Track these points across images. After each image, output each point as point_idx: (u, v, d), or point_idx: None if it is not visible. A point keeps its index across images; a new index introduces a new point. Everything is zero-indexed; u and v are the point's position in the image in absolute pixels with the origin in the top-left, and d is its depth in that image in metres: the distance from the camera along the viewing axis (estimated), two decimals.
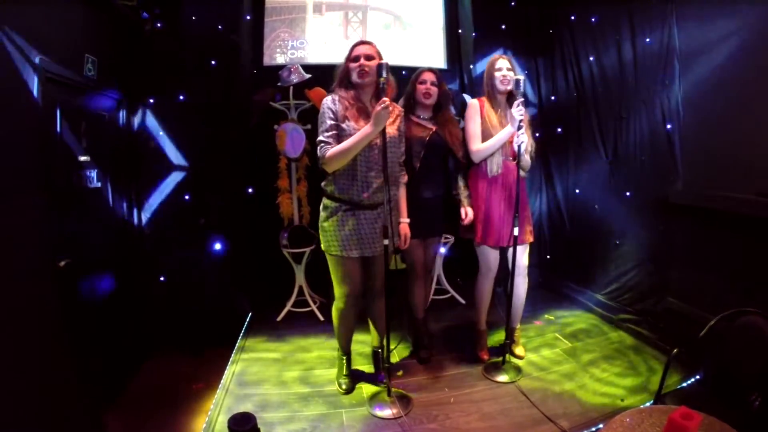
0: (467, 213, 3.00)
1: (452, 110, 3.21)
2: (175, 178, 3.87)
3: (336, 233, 2.57)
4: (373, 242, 2.61)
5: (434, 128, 2.97)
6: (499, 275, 3.17)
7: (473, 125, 2.97)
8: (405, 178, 2.81)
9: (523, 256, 3.08)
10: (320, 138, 2.48)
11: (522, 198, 2.95)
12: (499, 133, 2.87)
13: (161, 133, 3.82)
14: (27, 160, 2.25)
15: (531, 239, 3.11)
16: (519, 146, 2.78)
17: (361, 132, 2.38)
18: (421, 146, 2.93)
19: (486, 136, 2.93)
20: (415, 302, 3.24)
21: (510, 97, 2.96)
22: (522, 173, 2.97)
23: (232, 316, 3.91)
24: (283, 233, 3.96)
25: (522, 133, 2.77)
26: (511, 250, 2.91)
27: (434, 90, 2.95)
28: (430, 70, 3.01)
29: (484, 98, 3.04)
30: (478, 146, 2.94)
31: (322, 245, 2.70)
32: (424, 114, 3.03)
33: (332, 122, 2.48)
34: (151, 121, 3.79)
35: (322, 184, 2.66)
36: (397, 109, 2.73)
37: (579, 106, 4.27)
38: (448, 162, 3.08)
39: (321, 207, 2.69)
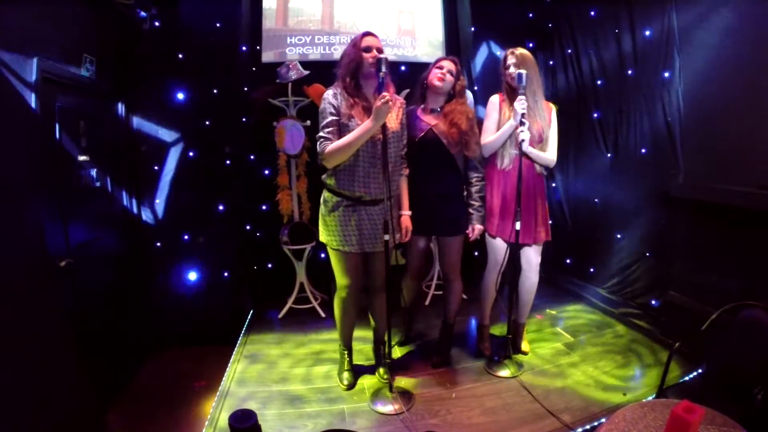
0: (474, 229, 2.88)
1: (467, 100, 3.03)
2: (175, 176, 3.86)
3: (337, 228, 2.57)
4: (374, 238, 2.60)
5: (433, 124, 2.83)
6: (506, 270, 3.15)
7: (489, 121, 2.95)
8: (406, 171, 2.77)
9: (537, 252, 3.06)
10: (320, 133, 2.46)
11: (535, 194, 2.94)
12: (503, 127, 2.86)
13: (160, 131, 3.81)
14: (26, 160, 2.25)
15: (546, 238, 3.05)
16: (521, 143, 2.74)
17: (361, 127, 2.36)
18: (417, 147, 2.80)
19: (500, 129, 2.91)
20: (403, 293, 3.24)
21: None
22: (538, 169, 2.95)
23: (234, 313, 3.91)
24: (283, 230, 3.96)
25: (523, 131, 2.74)
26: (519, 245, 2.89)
27: (450, 79, 2.80)
28: (452, 60, 2.87)
29: (503, 93, 2.99)
30: (484, 140, 2.93)
31: (321, 237, 2.69)
32: (434, 105, 2.88)
33: (333, 117, 2.45)
34: (150, 120, 3.78)
35: (323, 177, 2.65)
36: (399, 101, 2.70)
37: (579, 101, 4.26)
38: (452, 157, 2.84)
39: (321, 200, 2.67)
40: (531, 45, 4.76)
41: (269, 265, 4.40)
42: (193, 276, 3.89)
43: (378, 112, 2.29)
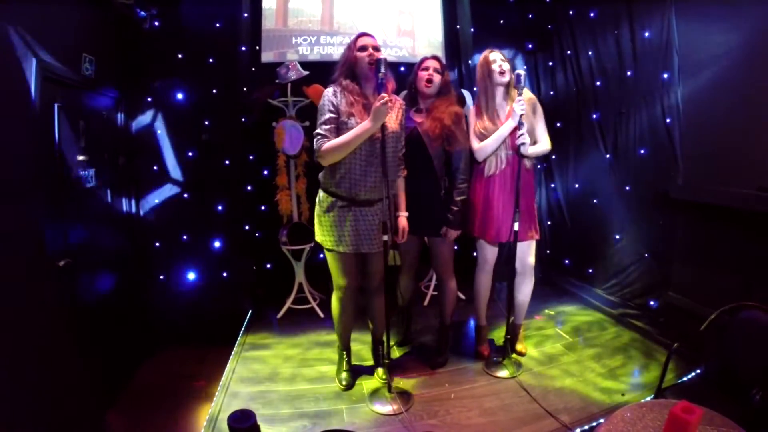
0: (448, 233, 2.87)
1: (455, 96, 3.03)
2: (174, 176, 3.86)
3: (332, 228, 2.56)
4: (370, 239, 2.60)
5: (418, 122, 2.84)
6: (499, 269, 3.15)
7: (471, 129, 2.96)
8: (404, 172, 2.77)
9: (528, 253, 3.06)
10: (318, 130, 2.45)
11: (526, 193, 2.93)
12: (499, 129, 2.85)
13: (159, 131, 3.81)
14: (25, 159, 2.25)
15: (536, 237, 3.05)
16: (520, 146, 2.75)
17: (360, 127, 2.36)
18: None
19: (482, 138, 2.90)
20: (400, 292, 3.24)
21: (509, 91, 2.94)
22: (528, 165, 2.94)
23: (233, 314, 3.91)
24: (282, 230, 3.96)
25: (523, 133, 2.74)
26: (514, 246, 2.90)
27: (437, 77, 2.82)
28: (434, 57, 2.90)
29: (481, 98, 2.98)
30: (477, 145, 2.93)
31: (317, 237, 2.69)
32: (424, 105, 2.90)
33: (332, 115, 2.44)
34: (150, 120, 3.79)
35: (320, 175, 2.64)
36: (398, 102, 2.71)
37: (578, 102, 4.27)
38: (430, 157, 2.83)
39: (317, 200, 2.66)
40: (530, 46, 4.78)
41: (268, 266, 4.40)
42: (191, 276, 3.90)
43: (377, 113, 2.29)
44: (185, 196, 3.89)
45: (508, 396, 2.76)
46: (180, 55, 3.83)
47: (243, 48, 4.12)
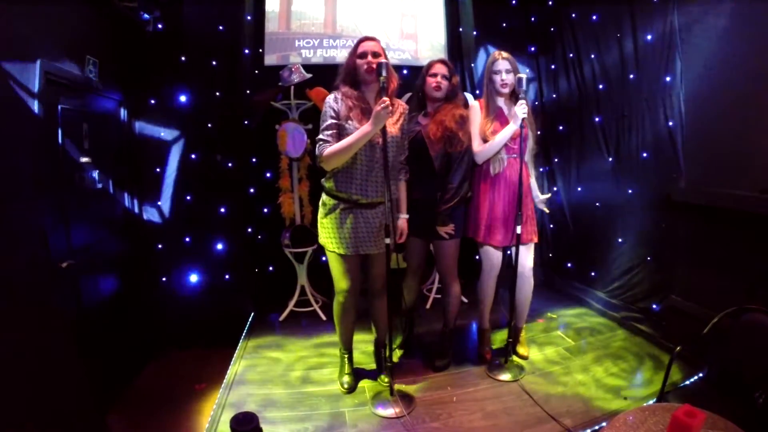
0: (447, 232, 2.87)
1: (462, 101, 3.03)
2: (177, 179, 3.87)
3: (334, 230, 2.58)
4: (372, 240, 2.61)
5: (423, 125, 2.86)
6: (503, 275, 3.15)
7: (474, 127, 2.96)
8: (406, 176, 2.79)
9: (527, 256, 3.06)
10: (320, 136, 2.48)
11: (525, 196, 2.94)
12: (501, 132, 2.85)
13: (162, 134, 3.82)
14: (28, 161, 2.26)
15: (535, 239, 3.06)
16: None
17: (359, 131, 2.37)
18: (409, 150, 2.81)
19: (483, 139, 2.91)
20: (404, 295, 3.26)
21: (513, 95, 2.95)
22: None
23: (235, 316, 3.91)
24: (284, 233, 3.96)
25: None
26: (514, 249, 2.89)
27: (445, 83, 2.84)
28: (442, 62, 2.90)
29: (483, 99, 3.02)
30: (478, 147, 2.93)
31: (319, 240, 2.71)
32: (432, 108, 2.91)
33: (333, 121, 2.47)
34: (152, 122, 3.79)
35: (322, 180, 2.66)
36: (401, 106, 2.72)
37: (581, 105, 4.26)
38: (431, 161, 2.83)
39: (320, 203, 2.69)
40: (533, 49, 4.78)
41: (270, 268, 4.40)
42: (194, 278, 3.90)
43: (377, 117, 2.30)
44: (188, 198, 3.90)
45: (511, 399, 2.75)
46: (183, 58, 3.84)
47: (246, 51, 4.13)
